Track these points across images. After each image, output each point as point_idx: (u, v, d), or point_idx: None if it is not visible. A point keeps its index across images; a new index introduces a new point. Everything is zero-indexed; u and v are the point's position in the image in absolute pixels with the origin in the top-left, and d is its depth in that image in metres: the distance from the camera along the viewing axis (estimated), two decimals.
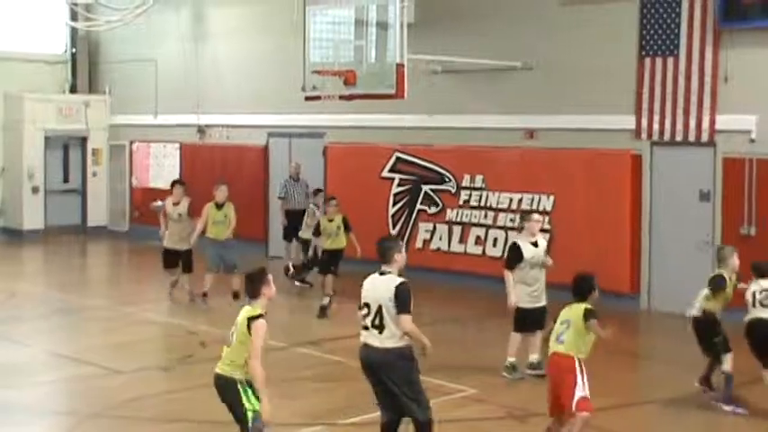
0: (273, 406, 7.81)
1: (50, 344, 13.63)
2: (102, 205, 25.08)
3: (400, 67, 14.58)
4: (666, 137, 15.14)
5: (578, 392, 8.36)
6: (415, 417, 8.00)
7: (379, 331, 7.92)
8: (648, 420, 10.38)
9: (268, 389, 7.77)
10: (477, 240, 17.29)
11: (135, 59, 23.77)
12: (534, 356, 11.47)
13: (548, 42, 16.41)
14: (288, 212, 18.44)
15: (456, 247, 17.57)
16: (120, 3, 22.98)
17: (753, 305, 10.28)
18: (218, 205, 15.64)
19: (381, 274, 8.10)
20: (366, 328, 8.02)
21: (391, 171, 18.60)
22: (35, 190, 23.82)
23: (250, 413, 7.62)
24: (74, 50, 25.28)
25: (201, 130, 22.47)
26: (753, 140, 14.34)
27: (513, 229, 15.95)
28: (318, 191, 17.67)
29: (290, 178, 18.77)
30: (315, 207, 16.88)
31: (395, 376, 7.94)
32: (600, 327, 8.57)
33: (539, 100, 16.52)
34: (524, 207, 16.08)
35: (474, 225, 17.35)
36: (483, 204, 17.23)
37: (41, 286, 18.49)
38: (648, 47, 15.24)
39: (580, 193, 15.97)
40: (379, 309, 7.91)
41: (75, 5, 23.78)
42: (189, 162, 22.82)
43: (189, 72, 22.39)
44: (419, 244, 17.91)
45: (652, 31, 15.19)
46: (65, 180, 24.76)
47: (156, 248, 16.22)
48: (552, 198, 16.27)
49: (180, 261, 15.81)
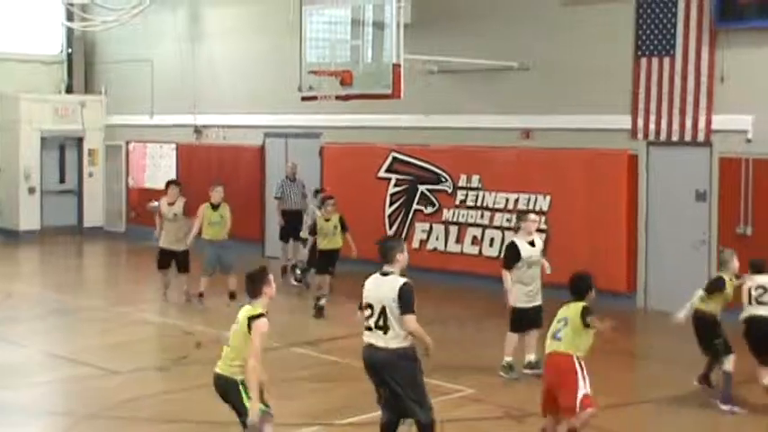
0: (270, 406, 7.82)
1: (47, 344, 13.62)
2: (99, 206, 25.05)
3: (397, 67, 14.57)
4: (663, 137, 15.14)
5: (581, 390, 8.40)
6: (418, 419, 7.99)
7: (384, 332, 7.88)
8: (646, 420, 10.39)
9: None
10: (474, 240, 17.29)
11: (131, 60, 23.74)
12: (531, 356, 11.48)
13: (544, 42, 16.41)
14: (284, 213, 18.43)
15: (452, 247, 17.57)
16: (116, 3, 22.94)
17: (749, 302, 10.32)
18: (214, 206, 15.65)
19: (383, 274, 8.05)
20: (369, 329, 7.98)
21: (388, 171, 18.60)
22: (31, 190, 23.79)
23: (250, 411, 7.62)
24: (70, 51, 25.27)
25: (198, 130, 22.45)
26: (749, 140, 14.35)
27: (509, 229, 15.95)
28: (319, 191, 17.61)
29: (287, 178, 18.75)
30: (316, 208, 16.83)
31: (399, 377, 7.91)
32: (598, 320, 8.61)
33: (535, 100, 16.53)
34: (521, 207, 16.09)
35: (470, 225, 17.34)
36: (479, 204, 17.23)
37: (38, 287, 18.47)
38: (645, 47, 15.25)
39: (577, 193, 15.97)
40: (383, 309, 7.88)
41: (71, 6, 23.74)
42: (185, 162, 22.79)
43: (185, 72, 22.37)
44: (416, 244, 17.89)
45: (648, 32, 15.21)
46: (61, 180, 24.73)
47: (153, 249, 16.21)
48: (549, 198, 16.27)
49: (174, 262, 15.83)
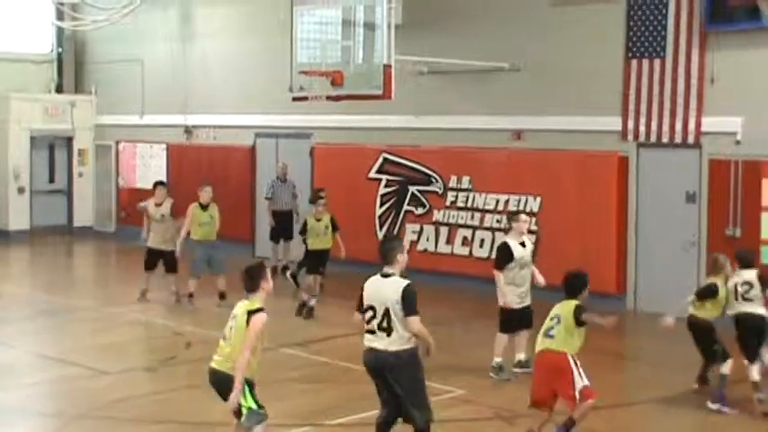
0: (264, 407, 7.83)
1: (36, 345, 13.57)
2: (89, 206, 24.99)
3: (387, 67, 14.56)
4: (653, 138, 15.17)
5: (578, 384, 8.49)
6: (414, 421, 8.00)
7: (387, 334, 7.84)
8: (635, 421, 10.40)
9: (256, 389, 7.79)
10: (464, 241, 17.29)
11: (121, 59, 23.68)
12: (521, 355, 11.52)
13: (535, 43, 16.43)
14: (275, 213, 18.42)
15: (443, 248, 17.58)
16: (107, 2, 22.85)
17: (735, 298, 10.33)
18: (203, 206, 15.63)
19: (384, 275, 8.02)
20: (371, 331, 7.92)
21: (378, 172, 18.59)
22: (21, 190, 23.71)
23: (245, 410, 7.66)
24: (60, 50, 25.19)
25: (188, 130, 22.40)
26: (738, 142, 14.38)
27: (499, 230, 15.98)
28: (319, 191, 17.48)
29: (277, 179, 18.75)
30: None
31: (401, 379, 7.89)
32: (598, 316, 8.66)
33: (526, 101, 16.54)
34: (511, 208, 16.08)
35: (461, 226, 17.35)
36: (470, 205, 17.24)
37: (27, 287, 18.40)
38: (635, 48, 15.28)
39: (567, 195, 15.99)
40: (386, 311, 7.83)
41: (62, 5, 23.66)
42: (176, 162, 22.74)
43: (176, 72, 22.32)
44: (406, 245, 17.83)
45: (639, 33, 15.23)
46: (50, 180, 24.65)
47: (142, 249, 16.18)
48: (539, 199, 16.28)
49: (161, 262, 15.80)
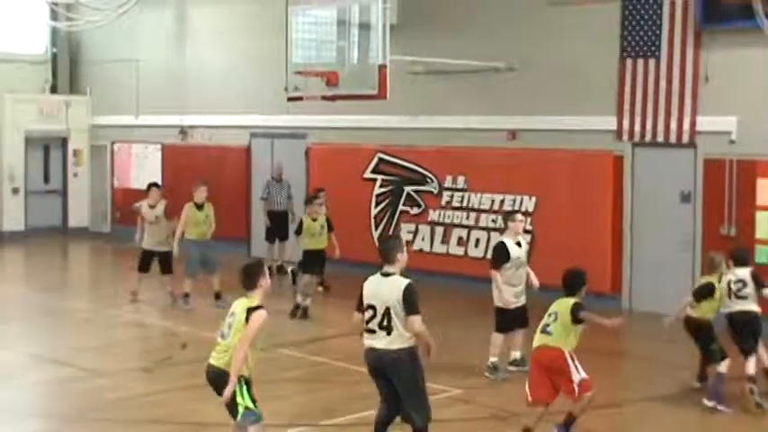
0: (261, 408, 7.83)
1: (31, 346, 13.54)
2: (84, 206, 24.95)
3: (382, 67, 14.56)
4: (648, 138, 15.20)
5: (576, 378, 8.53)
6: (413, 421, 8.01)
7: (388, 333, 7.83)
8: (630, 421, 10.42)
9: (253, 388, 7.79)
10: (460, 241, 17.30)
11: (116, 59, 23.63)
12: (517, 353, 11.55)
13: (530, 43, 16.44)
14: (270, 213, 18.41)
15: (438, 248, 17.58)
16: (102, 2, 22.82)
17: (728, 296, 10.36)
18: (198, 206, 15.60)
19: (384, 275, 8.00)
20: (372, 331, 7.91)
21: (374, 172, 18.60)
22: (15, 191, 23.67)
23: (241, 408, 7.66)
24: (55, 50, 25.15)
25: (183, 130, 22.39)
26: (733, 141, 14.40)
27: (495, 230, 15.97)
28: (320, 191, 17.44)
29: (273, 179, 18.75)
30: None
31: (401, 377, 7.90)
32: (603, 317, 8.68)
33: (521, 101, 16.55)
34: (506, 208, 16.08)
35: (456, 226, 17.36)
36: (465, 205, 17.25)
37: (22, 288, 18.37)
38: (630, 48, 15.29)
39: (562, 194, 16.01)
40: (387, 311, 7.83)
41: (56, 5, 23.57)
42: (171, 163, 22.72)
43: (171, 72, 22.31)
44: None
45: (633, 33, 15.25)
46: (45, 181, 24.62)
47: (138, 250, 16.14)
48: (534, 199, 16.29)
49: (156, 263, 15.76)
